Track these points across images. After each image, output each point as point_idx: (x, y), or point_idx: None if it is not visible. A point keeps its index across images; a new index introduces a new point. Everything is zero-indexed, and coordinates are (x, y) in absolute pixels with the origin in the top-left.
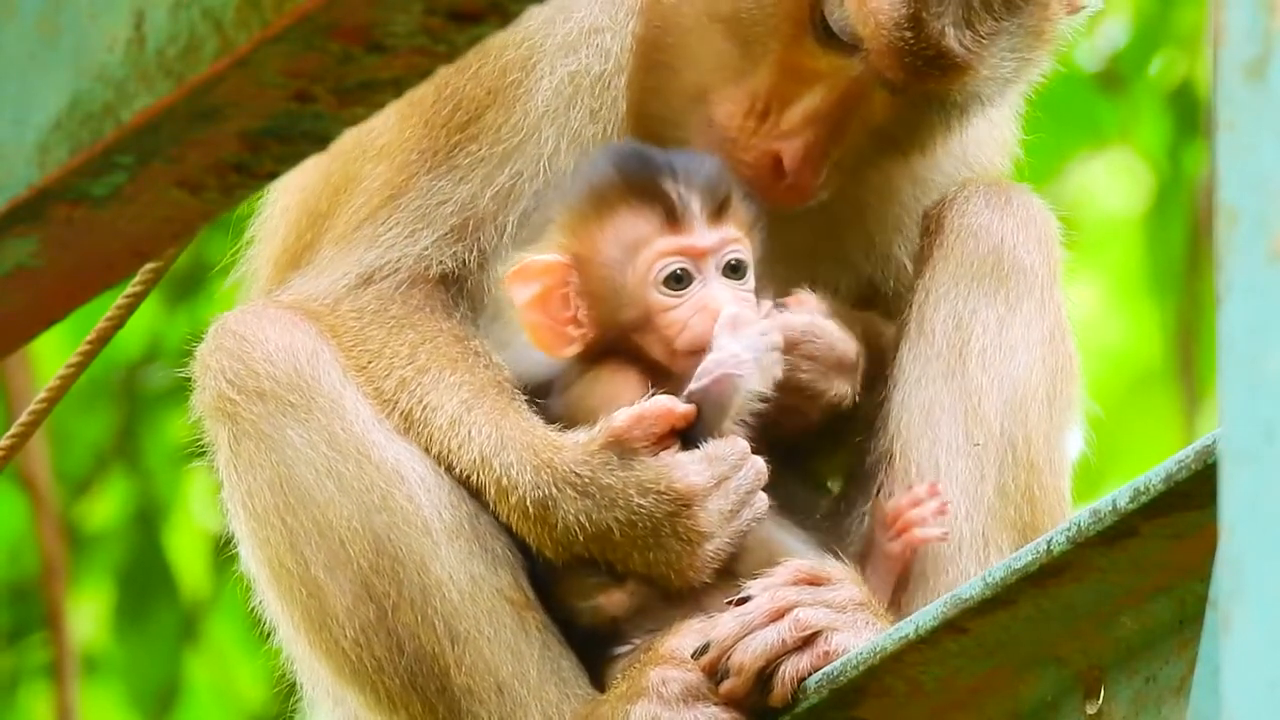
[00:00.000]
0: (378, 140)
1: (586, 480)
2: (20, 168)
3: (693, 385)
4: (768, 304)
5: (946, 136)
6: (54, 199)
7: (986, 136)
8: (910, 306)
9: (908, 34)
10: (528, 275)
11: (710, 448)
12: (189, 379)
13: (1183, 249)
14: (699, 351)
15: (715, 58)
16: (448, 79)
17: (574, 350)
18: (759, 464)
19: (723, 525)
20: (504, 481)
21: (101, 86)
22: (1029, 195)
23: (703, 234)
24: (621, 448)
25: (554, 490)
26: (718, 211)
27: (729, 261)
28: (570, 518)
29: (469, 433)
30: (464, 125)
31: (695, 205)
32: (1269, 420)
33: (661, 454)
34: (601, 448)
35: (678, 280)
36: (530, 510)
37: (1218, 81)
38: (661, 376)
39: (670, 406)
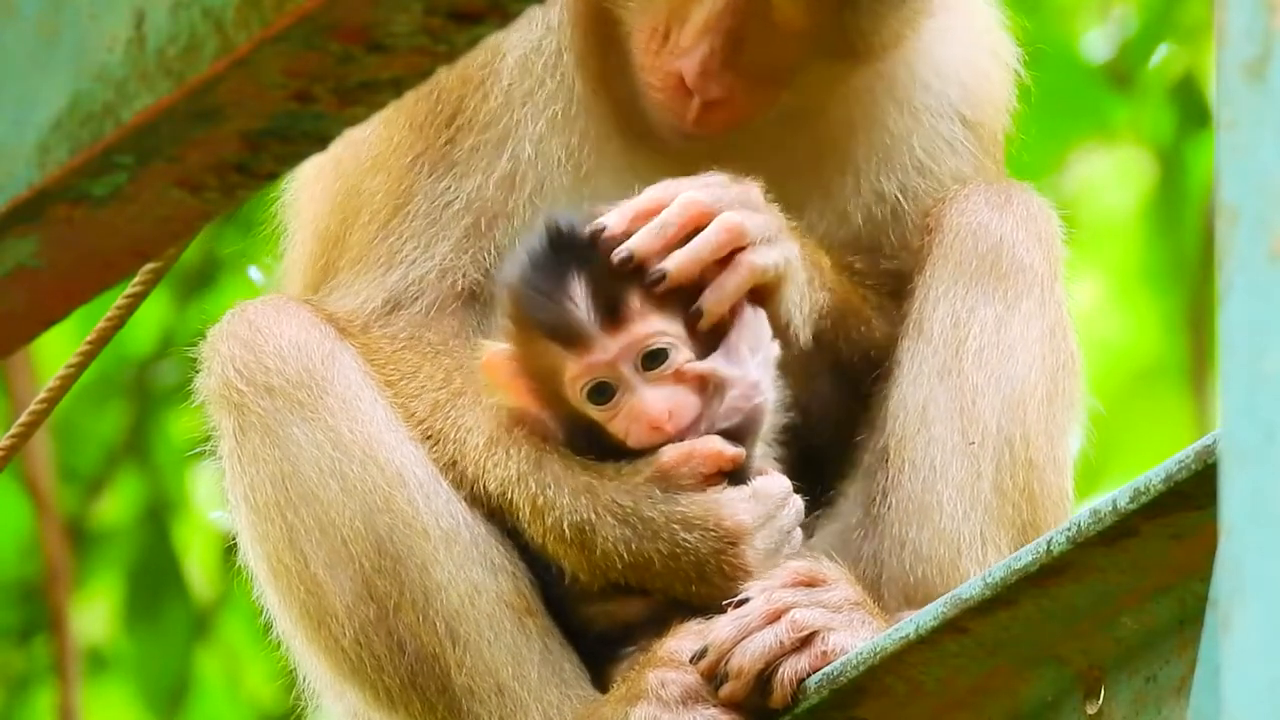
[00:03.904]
0: (371, 152)
1: (628, 510)
2: (20, 168)
3: (722, 423)
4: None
5: (891, 32)
6: (54, 199)
7: (974, 49)
8: (909, 305)
9: None
10: (494, 366)
11: (758, 485)
12: (199, 373)
13: (1187, 243)
14: (656, 445)
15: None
16: None
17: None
18: (799, 503)
19: (765, 563)
20: (540, 501)
21: (101, 86)
22: (1030, 193)
23: (603, 348)
24: (667, 484)
25: (593, 515)
26: (611, 317)
27: (645, 354)
28: (609, 545)
29: (507, 450)
30: (450, 119)
31: (588, 320)
32: (1269, 420)
33: (708, 490)
34: (646, 481)
35: (600, 393)
36: (567, 533)
37: (1218, 81)
38: None
39: (720, 449)
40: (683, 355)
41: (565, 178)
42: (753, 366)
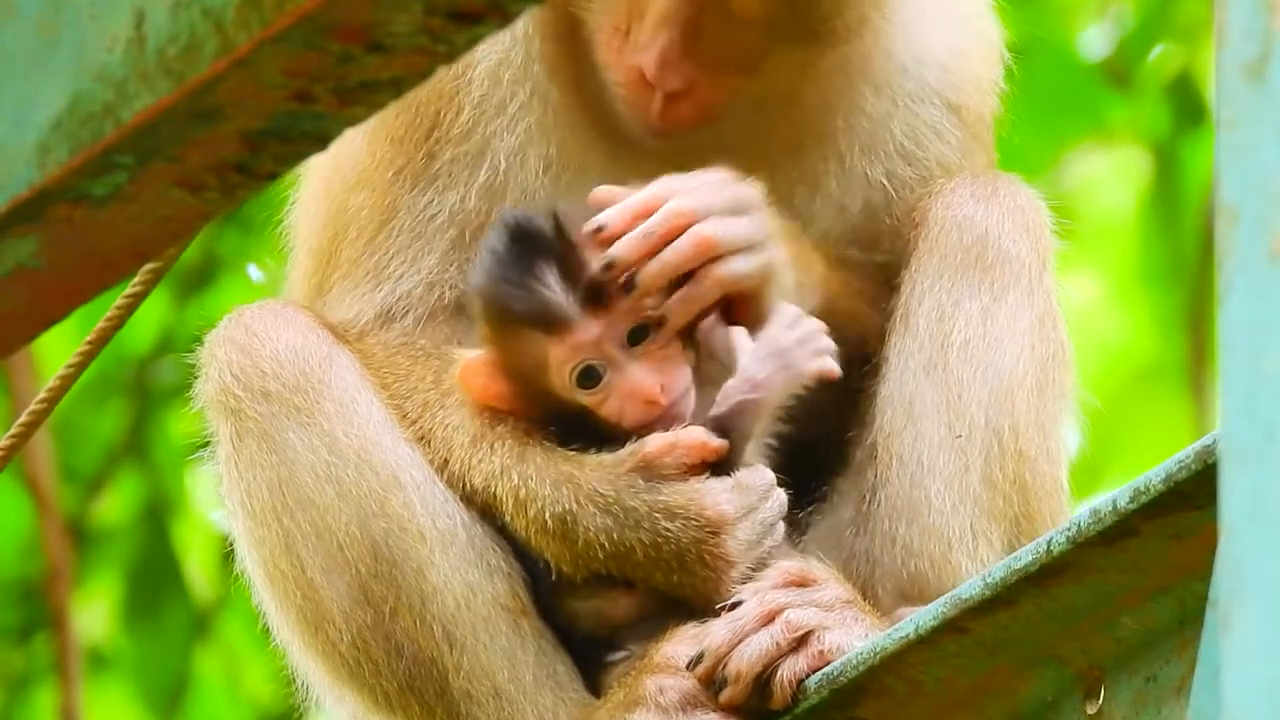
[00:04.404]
0: (356, 169)
1: (610, 500)
2: (20, 168)
3: (714, 410)
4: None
5: (854, 15)
6: (54, 199)
7: (956, 32)
8: (896, 299)
9: None
10: (469, 375)
11: (741, 476)
12: (197, 379)
13: (1185, 242)
14: (652, 426)
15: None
16: None
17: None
18: (782, 496)
19: (746, 554)
20: (522, 493)
21: (101, 86)
22: (1017, 184)
23: (586, 326)
24: (650, 473)
25: (575, 505)
26: (592, 299)
27: (630, 330)
28: (591, 535)
29: (491, 445)
30: (428, 133)
31: (568, 302)
32: (1269, 420)
33: (691, 480)
34: (629, 471)
35: (588, 377)
36: (549, 524)
37: (1218, 81)
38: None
39: (704, 440)
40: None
41: (546, 187)
42: (760, 363)
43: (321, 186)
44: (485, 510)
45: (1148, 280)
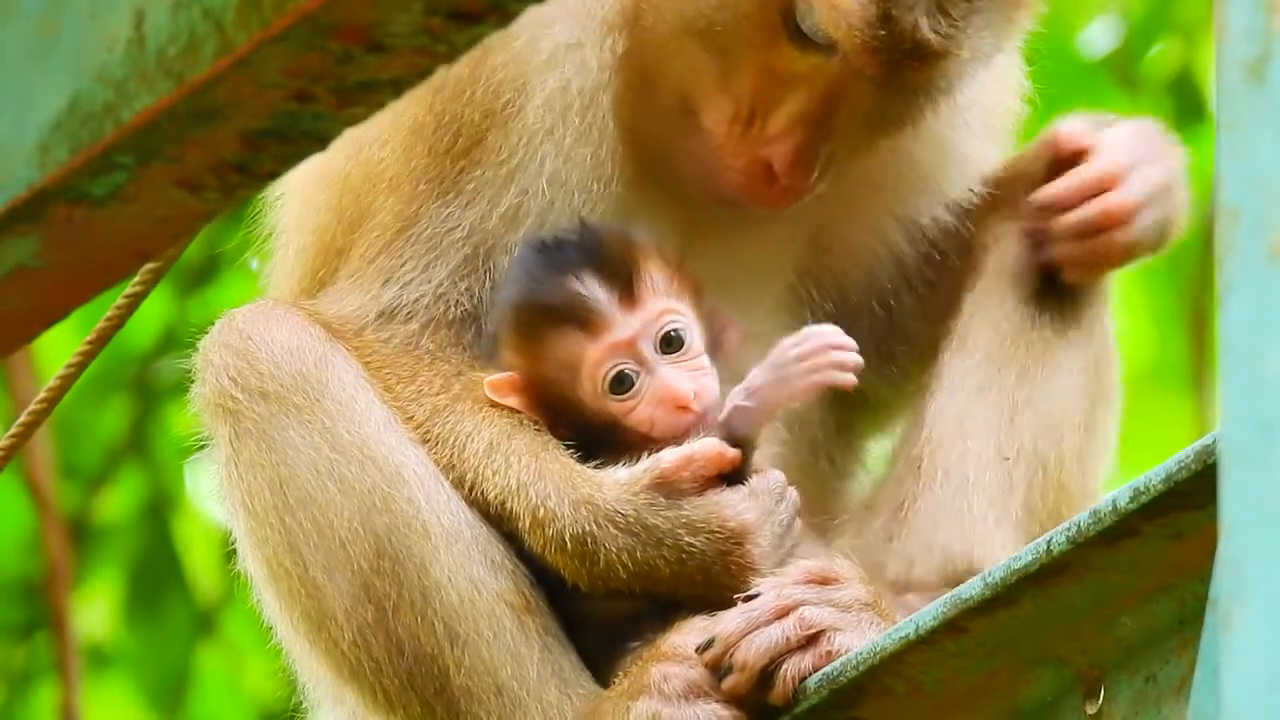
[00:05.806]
0: (386, 173)
1: (631, 519)
2: (20, 168)
3: (721, 416)
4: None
5: (938, 109)
6: (54, 199)
7: (990, 80)
8: (955, 319)
9: (880, 32)
10: (498, 391)
11: (755, 483)
12: (194, 384)
13: (1186, 240)
14: (680, 436)
15: (696, 68)
16: (447, 105)
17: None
18: (794, 495)
19: (770, 558)
20: (540, 512)
21: (101, 86)
22: None
23: (623, 325)
24: (669, 489)
25: (594, 527)
26: (628, 294)
27: (663, 337)
28: (613, 555)
29: (507, 459)
30: (467, 150)
31: (604, 298)
32: (1269, 420)
33: (707, 492)
34: (647, 488)
35: (621, 382)
36: (568, 545)
37: (1218, 81)
38: None
39: (720, 450)
40: (698, 339)
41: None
42: (762, 372)
43: (336, 182)
44: (493, 518)
45: (1147, 280)
